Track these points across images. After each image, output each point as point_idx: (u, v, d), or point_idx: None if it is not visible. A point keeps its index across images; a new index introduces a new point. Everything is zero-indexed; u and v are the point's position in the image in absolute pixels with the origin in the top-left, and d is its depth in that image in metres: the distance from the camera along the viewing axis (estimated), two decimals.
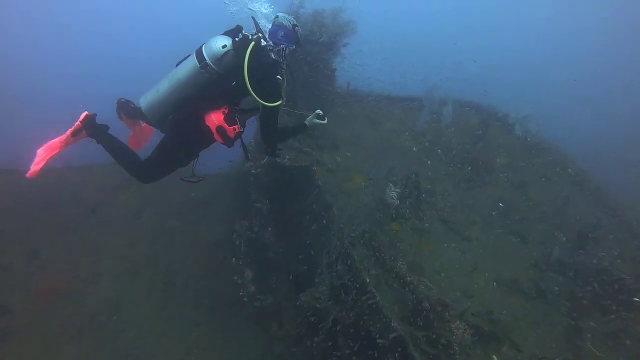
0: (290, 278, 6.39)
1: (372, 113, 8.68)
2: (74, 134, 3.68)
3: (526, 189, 7.79)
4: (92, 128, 3.73)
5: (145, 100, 3.70)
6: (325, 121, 3.98)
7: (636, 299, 5.23)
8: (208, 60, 3.39)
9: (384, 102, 9.17)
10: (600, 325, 5.13)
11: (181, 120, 3.62)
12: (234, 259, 6.05)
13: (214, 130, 3.45)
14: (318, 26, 7.25)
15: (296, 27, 3.74)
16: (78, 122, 3.70)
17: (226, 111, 3.46)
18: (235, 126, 3.46)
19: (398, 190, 6.02)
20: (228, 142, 3.55)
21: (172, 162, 3.78)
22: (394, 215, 5.98)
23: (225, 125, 3.42)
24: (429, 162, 7.84)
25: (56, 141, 3.68)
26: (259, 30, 3.64)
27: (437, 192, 7.14)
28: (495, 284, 5.79)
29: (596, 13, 37.30)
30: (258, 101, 3.35)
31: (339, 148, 7.45)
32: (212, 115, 3.44)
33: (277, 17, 3.79)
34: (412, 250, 5.85)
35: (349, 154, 7.44)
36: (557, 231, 6.75)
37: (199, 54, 3.43)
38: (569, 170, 8.48)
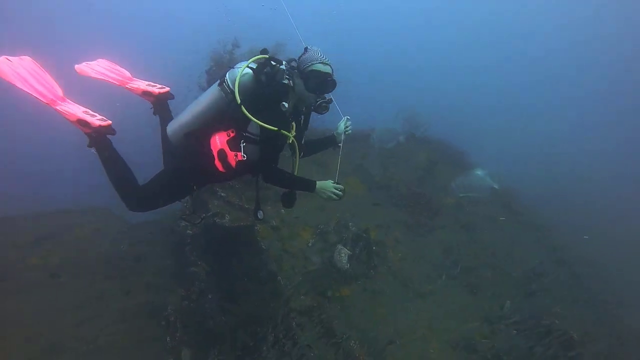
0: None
1: (318, 154, 8.36)
2: (81, 123, 3.04)
3: (474, 231, 7.80)
4: (99, 140, 3.13)
5: (172, 124, 3.33)
6: (339, 198, 3.35)
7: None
8: (227, 78, 3.05)
9: None
10: None
11: (188, 144, 3.23)
12: (168, 338, 5.45)
13: (215, 155, 3.02)
14: None
15: (305, 50, 3.20)
16: (92, 126, 3.03)
17: (232, 134, 3.03)
18: (238, 153, 2.99)
19: (349, 252, 5.73)
20: (228, 170, 3.04)
21: (169, 192, 3.29)
22: (344, 278, 5.69)
23: (227, 149, 2.99)
24: (377, 208, 7.65)
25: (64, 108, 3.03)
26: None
27: (388, 242, 6.96)
28: (450, 346, 5.64)
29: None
30: (248, 117, 2.88)
31: None
32: (216, 137, 3.05)
33: None
34: (364, 316, 5.59)
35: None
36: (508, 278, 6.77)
37: (224, 75, 3.12)
38: (514, 207, 8.64)
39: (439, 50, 38.86)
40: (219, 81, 3.13)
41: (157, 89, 3.43)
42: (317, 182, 3.35)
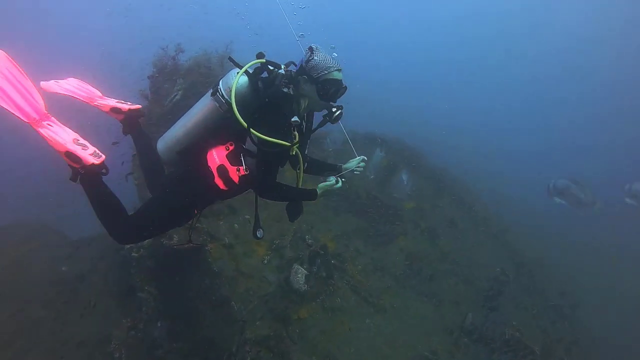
0: None
1: None
2: (69, 156, 2.56)
3: (435, 237, 7.80)
4: (87, 177, 2.69)
5: (163, 138, 3.09)
6: (340, 185, 3.14)
7: None
8: (220, 87, 2.82)
9: None
10: None
11: (182, 163, 3.01)
12: None
13: (214, 171, 2.80)
14: (204, 74, 6.51)
15: (311, 51, 2.88)
16: (83, 163, 2.58)
17: (231, 147, 2.84)
18: (241, 167, 2.80)
19: (305, 272, 5.54)
20: (230, 187, 2.82)
21: (166, 219, 2.94)
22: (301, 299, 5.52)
23: (228, 164, 2.80)
24: (335, 217, 7.49)
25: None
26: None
27: (347, 254, 6.83)
28: None
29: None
30: (243, 126, 2.64)
31: (236, 211, 6.77)
32: (213, 152, 2.85)
33: None
34: (324, 338, 5.44)
35: (247, 217, 6.79)
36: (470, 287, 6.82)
37: (216, 83, 2.90)
38: (474, 209, 8.71)
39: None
40: (211, 90, 2.88)
41: (127, 105, 3.20)
42: (318, 187, 3.09)
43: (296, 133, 2.84)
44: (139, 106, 3.29)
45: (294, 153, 2.87)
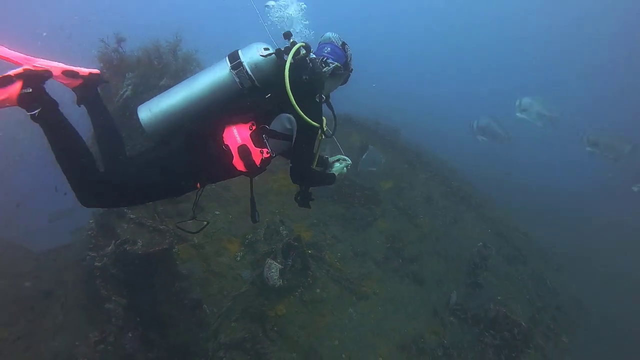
0: None
1: None
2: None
3: (414, 216, 7.65)
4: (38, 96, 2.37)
5: (148, 108, 2.72)
6: (349, 162, 3.41)
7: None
8: (243, 61, 2.65)
9: None
10: None
11: (191, 136, 2.68)
12: None
13: (234, 152, 2.59)
14: (155, 67, 6.12)
15: (346, 46, 3.05)
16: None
17: (254, 127, 2.65)
18: (264, 149, 2.62)
19: (279, 266, 5.31)
20: (251, 169, 2.64)
21: (158, 188, 2.68)
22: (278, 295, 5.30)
23: (251, 145, 2.60)
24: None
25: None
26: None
27: (325, 242, 6.62)
28: (399, 349, 5.48)
29: None
30: (298, 113, 2.60)
31: (204, 208, 6.48)
32: (234, 130, 2.62)
33: (323, 36, 3.13)
34: (304, 333, 5.26)
35: (217, 213, 6.52)
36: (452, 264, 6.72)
37: (234, 56, 2.71)
38: (451, 184, 8.59)
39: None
40: (229, 64, 2.67)
41: (86, 69, 2.80)
42: (333, 170, 3.27)
43: (324, 118, 2.87)
44: (99, 71, 2.91)
45: (322, 137, 2.89)
